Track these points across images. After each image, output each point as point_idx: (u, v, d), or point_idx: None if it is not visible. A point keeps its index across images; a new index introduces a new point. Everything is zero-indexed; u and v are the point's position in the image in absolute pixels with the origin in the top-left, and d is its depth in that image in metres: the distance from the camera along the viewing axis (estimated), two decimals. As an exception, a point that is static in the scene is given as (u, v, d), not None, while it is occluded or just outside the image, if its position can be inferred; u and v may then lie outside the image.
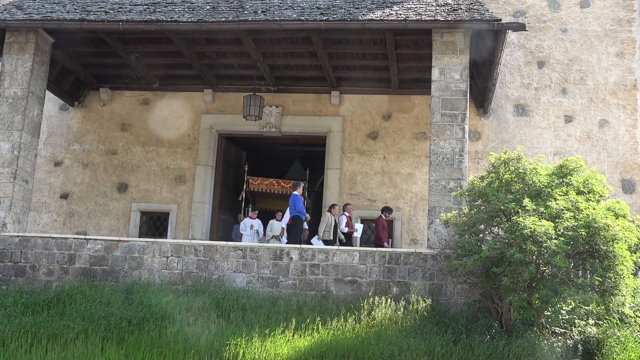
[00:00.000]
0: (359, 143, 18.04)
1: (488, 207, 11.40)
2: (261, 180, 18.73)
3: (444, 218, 12.26)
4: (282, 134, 18.58)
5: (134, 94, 18.96)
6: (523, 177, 11.57)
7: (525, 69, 18.05)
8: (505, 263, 10.74)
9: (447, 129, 13.48)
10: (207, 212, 18.27)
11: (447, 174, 13.29)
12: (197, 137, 18.56)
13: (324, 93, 18.33)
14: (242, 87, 18.19)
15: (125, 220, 18.30)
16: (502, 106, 17.90)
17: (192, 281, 12.99)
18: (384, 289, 12.60)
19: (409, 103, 18.10)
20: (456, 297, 12.45)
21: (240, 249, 13.21)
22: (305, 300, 12.31)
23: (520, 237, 10.44)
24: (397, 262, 12.80)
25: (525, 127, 17.72)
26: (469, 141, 16.59)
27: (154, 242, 13.52)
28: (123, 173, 18.55)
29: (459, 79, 13.65)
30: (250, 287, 12.82)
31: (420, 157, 17.70)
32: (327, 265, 12.90)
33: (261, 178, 18.73)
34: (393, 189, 17.66)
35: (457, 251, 11.54)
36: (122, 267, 13.34)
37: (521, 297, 10.62)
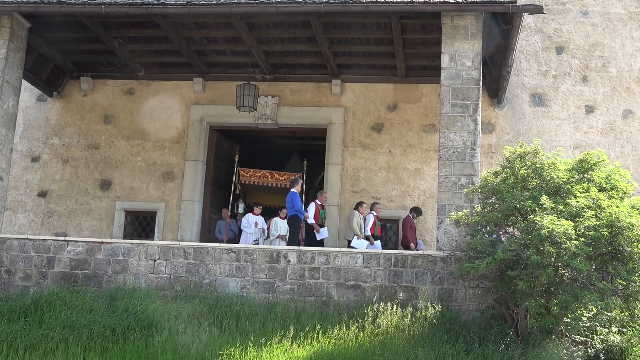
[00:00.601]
0: (362, 136, 18.04)
1: (502, 205, 11.40)
2: (253, 172, 18.53)
3: (454, 217, 12.26)
4: (279, 127, 18.57)
5: (118, 84, 18.95)
6: (540, 172, 11.57)
7: (543, 55, 18.04)
8: (521, 266, 10.75)
9: (457, 121, 13.48)
10: (197, 212, 18.27)
11: (457, 170, 13.30)
12: (186, 130, 18.56)
13: (324, 82, 18.32)
14: (235, 76, 18.18)
15: (109, 220, 18.30)
16: (517, 96, 17.90)
17: (181, 286, 13.00)
18: (390, 294, 12.61)
19: (416, 92, 18.09)
20: (468, 303, 12.46)
21: (234, 251, 13.22)
22: (304, 307, 12.33)
23: (538, 237, 10.44)
24: (404, 265, 12.81)
25: (542, 118, 17.72)
26: (482, 134, 16.58)
27: (140, 243, 13.52)
28: (106, 169, 18.55)
29: (471, 66, 13.64)
30: (245, 292, 12.83)
31: (428, 151, 17.69)
32: (328, 268, 12.91)
33: (253, 170, 18.56)
34: (399, 185, 17.67)
35: (469, 253, 11.55)
36: (105, 271, 13.35)
37: (538, 302, 10.63)
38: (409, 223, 16.35)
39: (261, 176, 18.65)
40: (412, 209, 16.66)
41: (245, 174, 18.40)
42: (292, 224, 15.53)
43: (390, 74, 18.03)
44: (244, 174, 18.32)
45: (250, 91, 17.01)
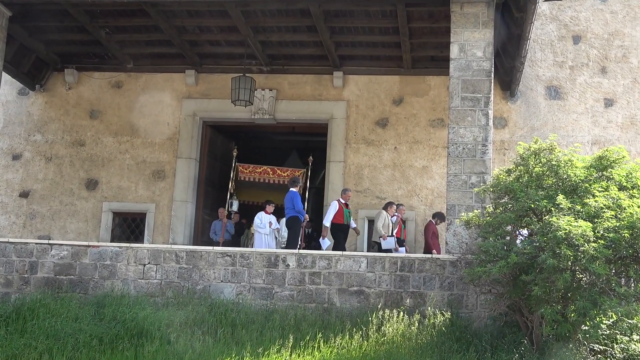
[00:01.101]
0: (366, 132, 18.05)
1: (516, 206, 11.39)
2: (253, 168, 18.48)
3: (464, 218, 12.26)
4: (277, 122, 18.58)
5: (105, 76, 18.97)
6: (556, 170, 11.56)
7: (559, 45, 18.04)
8: (536, 270, 10.74)
9: (468, 115, 13.48)
10: (190, 213, 18.29)
11: (468, 167, 13.29)
12: (178, 125, 18.57)
13: (325, 74, 18.33)
14: (230, 68, 18.19)
15: (95, 222, 18.31)
16: (531, 88, 17.90)
17: (173, 292, 13.00)
18: (396, 300, 12.61)
19: (423, 85, 18.10)
20: (479, 310, 12.45)
21: (229, 254, 13.22)
22: (305, 314, 12.33)
23: (554, 239, 10.43)
24: (411, 270, 12.81)
25: (558, 113, 17.73)
26: (494, 129, 16.60)
27: (129, 247, 13.52)
28: (92, 168, 18.56)
29: (482, 56, 13.64)
30: (241, 298, 12.84)
31: (437, 148, 17.70)
32: (330, 273, 12.91)
33: (253, 165, 18.51)
34: (405, 184, 17.68)
35: (480, 256, 11.54)
36: (91, 277, 13.35)
37: (555, 309, 10.62)
38: (431, 229, 16.07)
39: (262, 172, 18.56)
40: (435, 214, 16.38)
41: (245, 169, 18.31)
42: (291, 226, 15.52)
43: (395, 65, 18.03)
44: (243, 169, 18.22)
45: (246, 84, 17.02)
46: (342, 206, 15.90)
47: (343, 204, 15.95)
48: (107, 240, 17.91)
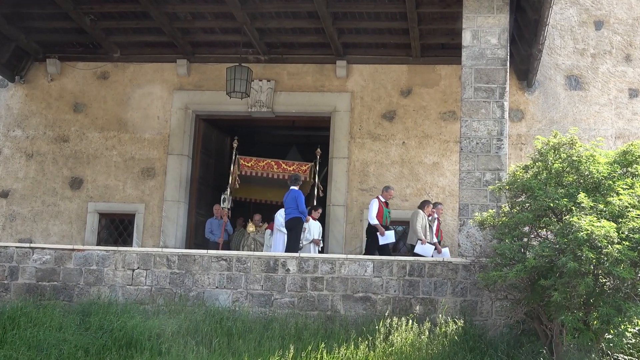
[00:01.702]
0: (372, 125, 18.05)
1: (534, 205, 11.39)
2: (256, 162, 18.19)
3: (478, 218, 12.26)
4: (276, 115, 18.57)
5: (90, 67, 18.97)
6: (577, 166, 11.56)
7: (580, 31, 18.03)
8: (555, 274, 10.74)
9: (481, 107, 13.47)
10: (182, 214, 18.29)
11: (482, 164, 13.29)
12: (168, 119, 18.57)
13: (328, 63, 18.33)
14: (225, 57, 18.18)
15: (80, 224, 18.32)
16: (550, 78, 17.89)
17: (164, 299, 13.02)
18: (404, 307, 12.62)
19: (433, 75, 18.09)
20: (494, 317, 12.46)
21: (225, 258, 13.23)
22: (306, 323, 12.34)
23: (575, 241, 10.43)
24: (421, 274, 12.81)
25: (579, 104, 17.71)
26: (510, 122, 16.59)
27: (117, 251, 13.53)
28: (77, 165, 18.57)
29: (497, 43, 13.63)
30: (237, 306, 12.85)
31: (448, 143, 17.70)
32: (333, 278, 12.92)
33: (256, 158, 18.25)
34: (415, 182, 17.68)
35: (496, 260, 11.54)
36: (76, 283, 13.36)
37: (576, 316, 10.62)
38: None
39: (265, 166, 18.32)
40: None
41: (247, 163, 18.01)
42: (293, 227, 15.49)
43: (403, 53, 18.02)
44: (244, 163, 17.93)
45: (243, 74, 17.01)
46: (382, 205, 15.74)
47: (383, 203, 15.80)
48: (93, 243, 17.93)
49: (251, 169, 18.02)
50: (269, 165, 18.27)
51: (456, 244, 14.29)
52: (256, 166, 18.12)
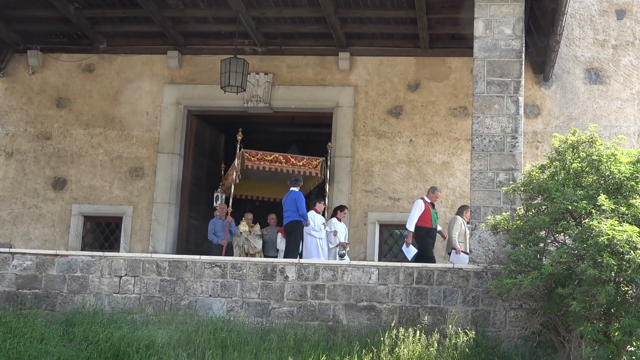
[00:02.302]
0: (377, 122, 18.05)
1: (551, 207, 11.39)
2: (262, 155, 17.70)
3: (491, 222, 12.26)
4: (273, 111, 18.58)
5: (74, 59, 18.97)
6: (597, 166, 11.56)
7: (600, 21, 18.02)
8: (574, 282, 10.74)
9: (495, 102, 13.47)
10: (173, 217, 18.30)
11: (495, 163, 13.29)
12: (158, 115, 18.58)
13: (330, 55, 18.33)
14: (219, 48, 18.19)
15: (64, 227, 18.33)
16: (568, 71, 17.89)
17: (153, 308, 13.02)
18: (412, 317, 12.62)
19: (443, 68, 18.10)
20: (508, 328, 12.46)
21: (219, 265, 13.24)
22: (306, 334, 12.34)
23: (595, 246, 10.43)
24: (429, 282, 12.81)
25: (600, 99, 17.71)
26: (525, 118, 16.56)
27: (103, 256, 13.54)
28: (60, 164, 18.58)
29: (511, 34, 13.63)
30: (232, 315, 12.85)
31: (459, 141, 17.70)
32: (335, 286, 12.92)
33: (262, 152, 17.89)
34: (423, 183, 17.67)
35: (510, 266, 11.54)
36: (59, 291, 13.37)
37: (596, 327, 10.62)
38: None
39: (272, 160, 17.87)
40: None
41: (252, 157, 17.64)
42: (293, 231, 15.50)
43: (411, 45, 18.02)
44: (250, 157, 17.56)
45: (238, 67, 17.01)
46: (428, 206, 15.65)
47: (429, 204, 15.73)
48: (78, 248, 17.93)
49: (257, 163, 17.60)
50: (276, 159, 17.87)
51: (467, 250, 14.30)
52: (262, 160, 17.63)
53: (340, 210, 16.59)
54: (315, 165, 17.81)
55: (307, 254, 15.71)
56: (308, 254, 15.68)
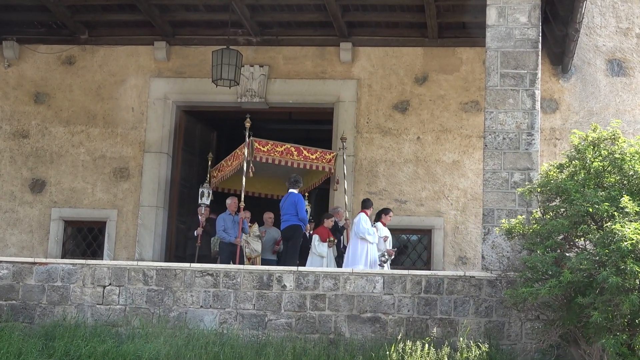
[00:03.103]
0: (382, 118, 18.07)
1: (570, 210, 11.41)
2: (273, 146, 17.22)
3: (505, 226, 12.27)
4: (269, 106, 18.60)
5: (53, 50, 18.98)
6: (620, 165, 11.58)
7: (623, 8, 18.04)
8: (595, 290, 10.76)
9: (509, 97, 13.49)
10: (161, 221, 18.31)
11: (509, 162, 13.31)
12: (145, 111, 18.59)
13: (330, 45, 18.34)
14: (211, 39, 18.19)
15: (42, 233, 18.34)
16: (589, 62, 17.90)
17: (140, 321, 13.03)
18: (420, 329, 12.64)
19: (453, 59, 18.11)
20: (524, 341, 12.47)
21: (210, 273, 13.25)
22: (305, 347, 12.35)
23: (618, 252, 10.45)
24: (439, 291, 12.83)
25: (623, 92, 17.72)
26: (542, 113, 16.58)
27: (85, 264, 13.55)
28: (38, 165, 18.59)
29: (527, 22, 13.65)
30: (226, 328, 12.87)
31: (470, 138, 17.72)
32: (337, 296, 12.94)
33: (273, 142, 17.33)
34: (432, 184, 17.69)
35: (526, 274, 11.56)
36: (38, 302, 13.38)
37: (619, 339, 10.63)
38: None
39: (283, 152, 17.38)
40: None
41: (262, 147, 17.07)
42: (292, 237, 15.46)
43: (418, 34, 18.04)
44: (259, 147, 17.06)
45: (231, 59, 17.02)
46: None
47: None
48: (58, 256, 17.93)
49: (267, 155, 17.05)
50: (287, 151, 17.31)
51: (480, 256, 14.32)
52: (273, 151, 17.12)
53: (385, 213, 16.33)
54: (329, 159, 17.44)
55: (352, 261, 15.54)
56: (354, 261, 15.50)
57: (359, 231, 15.52)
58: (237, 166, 17.07)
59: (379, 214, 16.30)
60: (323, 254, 15.86)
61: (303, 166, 17.32)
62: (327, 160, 17.33)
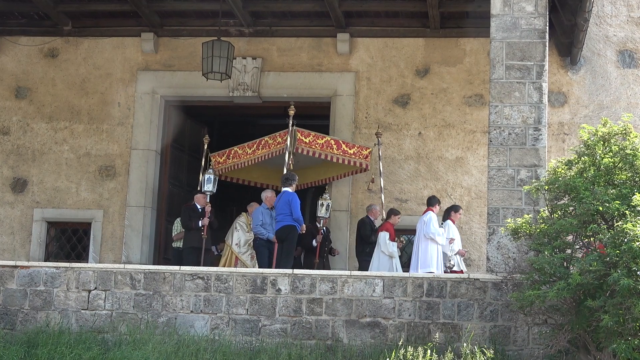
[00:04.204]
0: (381, 112, 18.07)
1: (579, 208, 11.42)
2: (314, 138, 16.94)
3: (511, 226, 12.29)
4: (263, 100, 18.60)
5: (35, 42, 18.96)
6: (632, 161, 11.59)
7: (635, -4, 18.09)
8: (605, 293, 10.77)
9: (515, 90, 13.51)
10: (149, 222, 18.30)
11: (515, 158, 13.32)
12: (132, 106, 18.58)
13: (327, 36, 18.34)
14: (201, 30, 18.19)
15: (24, 235, 18.33)
16: (599, 53, 17.92)
17: (127, 327, 13.03)
18: (422, 334, 12.65)
19: (456, 50, 18.12)
20: (532, 346, 12.49)
21: (201, 276, 13.25)
22: (301, 354, 12.36)
23: (629, 252, 10.47)
24: (441, 294, 12.84)
25: (635, 85, 17.74)
26: (550, 107, 16.59)
27: (69, 267, 13.55)
28: (19, 163, 18.58)
29: (533, 12, 13.66)
30: (217, 334, 12.88)
31: (474, 133, 17.73)
32: (334, 300, 12.95)
33: (315, 134, 17.03)
34: (434, 182, 17.70)
35: (533, 276, 11.58)
36: (20, 307, 13.38)
37: (631, 344, 10.66)
38: None
39: (324, 145, 17.08)
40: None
41: (305, 138, 16.85)
42: (286, 238, 15.40)
43: (419, 24, 18.05)
44: (302, 138, 16.70)
45: (222, 51, 17.02)
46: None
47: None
48: (41, 258, 17.94)
49: (309, 147, 16.72)
50: (328, 144, 17.06)
51: (484, 257, 14.34)
52: (314, 143, 16.81)
53: (455, 210, 16.27)
54: (365, 155, 17.30)
55: (422, 264, 15.46)
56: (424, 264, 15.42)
57: (429, 232, 15.48)
58: (265, 156, 16.87)
59: (448, 212, 16.31)
60: (393, 254, 15.84)
61: (342, 161, 17.10)
62: (363, 156, 17.06)
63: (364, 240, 16.40)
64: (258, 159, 17.06)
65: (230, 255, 16.79)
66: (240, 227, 16.87)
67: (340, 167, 17.50)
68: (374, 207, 16.80)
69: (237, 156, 17.53)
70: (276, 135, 16.74)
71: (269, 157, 16.79)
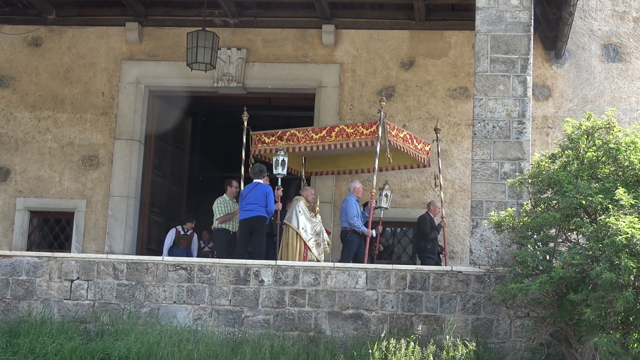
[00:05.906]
0: (366, 104, 18.06)
1: (562, 202, 11.45)
2: (398, 131, 16.37)
3: (495, 219, 12.31)
4: (247, 91, 18.56)
5: (18, 31, 18.88)
6: (615, 155, 11.62)
7: (620, -10, 18.11)
8: (588, 287, 10.80)
9: (499, 83, 13.52)
10: (132, 212, 18.26)
11: (499, 152, 13.34)
12: (115, 96, 18.53)
13: (312, 27, 18.31)
14: (186, 19, 18.14)
15: (7, 224, 18.28)
16: (583, 47, 17.95)
17: (110, 317, 13.02)
18: (404, 326, 12.67)
19: (441, 43, 18.12)
20: (514, 339, 12.53)
21: (184, 267, 13.25)
22: (284, 345, 12.37)
23: (612, 246, 10.49)
24: (424, 287, 12.86)
25: (619, 79, 17.77)
26: (534, 101, 16.63)
27: (52, 257, 13.52)
28: (2, 152, 18.50)
29: (518, 5, 13.67)
30: (200, 325, 12.87)
31: (459, 126, 17.74)
32: (317, 291, 12.95)
33: (398, 128, 16.44)
34: (418, 174, 17.71)
35: (516, 269, 11.60)
36: (2, 297, 13.35)
37: (612, 337, 10.68)
38: None
39: (404, 139, 16.65)
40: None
41: (392, 130, 16.35)
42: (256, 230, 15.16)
43: (404, 16, 18.03)
44: (391, 130, 16.03)
45: (207, 41, 16.98)
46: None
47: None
48: (23, 248, 17.88)
49: (395, 139, 16.03)
50: (406, 138, 16.49)
51: (467, 250, 14.37)
52: (397, 137, 16.20)
53: None
54: (427, 151, 17.06)
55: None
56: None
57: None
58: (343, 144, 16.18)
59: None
60: None
61: (414, 156, 16.70)
62: (425, 152, 16.79)
63: (424, 236, 16.25)
64: (328, 146, 16.34)
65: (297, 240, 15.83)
66: (303, 212, 16.04)
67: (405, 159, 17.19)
68: (434, 204, 16.64)
69: (296, 139, 16.62)
70: (357, 125, 16.25)
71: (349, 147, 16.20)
